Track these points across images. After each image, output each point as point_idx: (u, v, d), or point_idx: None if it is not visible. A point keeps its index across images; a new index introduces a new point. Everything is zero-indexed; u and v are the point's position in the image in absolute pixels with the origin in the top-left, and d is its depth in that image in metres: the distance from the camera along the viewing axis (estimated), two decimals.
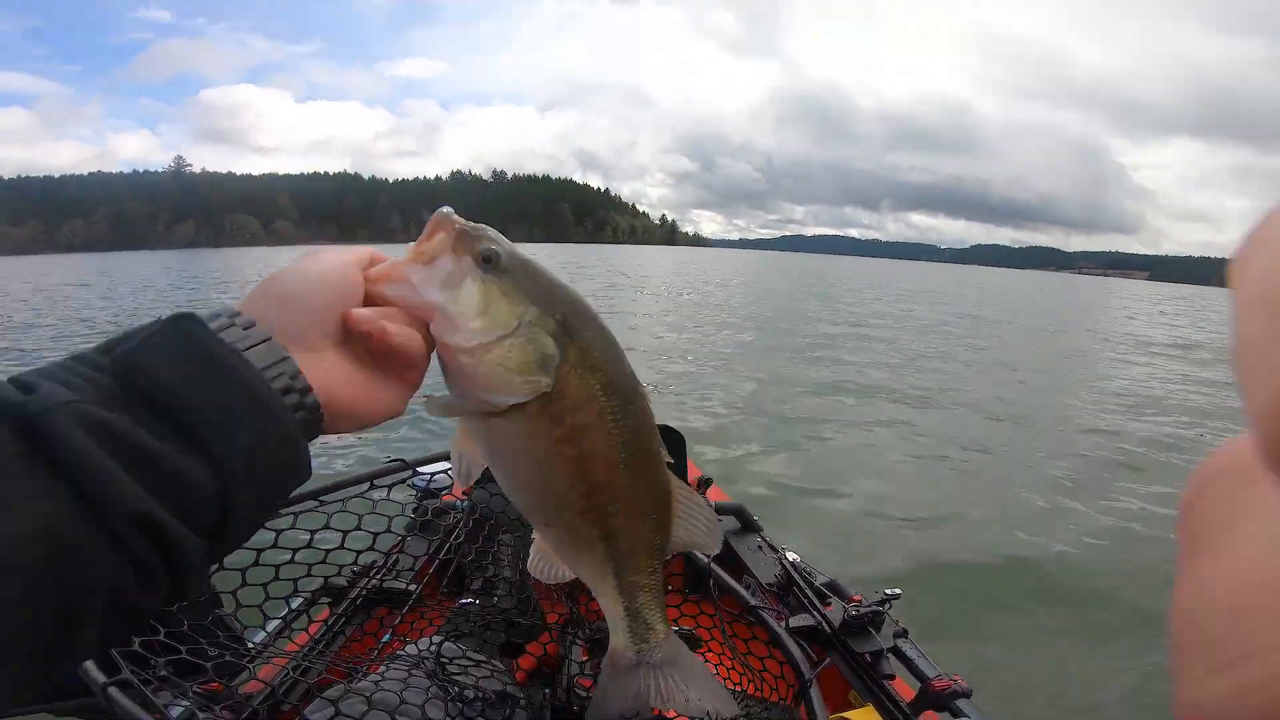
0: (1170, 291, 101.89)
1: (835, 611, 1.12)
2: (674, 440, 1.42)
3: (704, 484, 1.53)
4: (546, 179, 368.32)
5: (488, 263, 0.45)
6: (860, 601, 1.14)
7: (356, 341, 0.42)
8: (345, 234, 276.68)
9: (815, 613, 1.14)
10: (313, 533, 0.89)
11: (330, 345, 0.41)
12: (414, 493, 1.06)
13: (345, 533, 0.92)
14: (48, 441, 0.29)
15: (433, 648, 0.94)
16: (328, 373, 0.40)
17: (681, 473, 1.45)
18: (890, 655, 1.07)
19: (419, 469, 1.01)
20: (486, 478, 1.12)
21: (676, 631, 1.11)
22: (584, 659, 1.10)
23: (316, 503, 0.91)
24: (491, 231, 0.46)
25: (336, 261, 0.43)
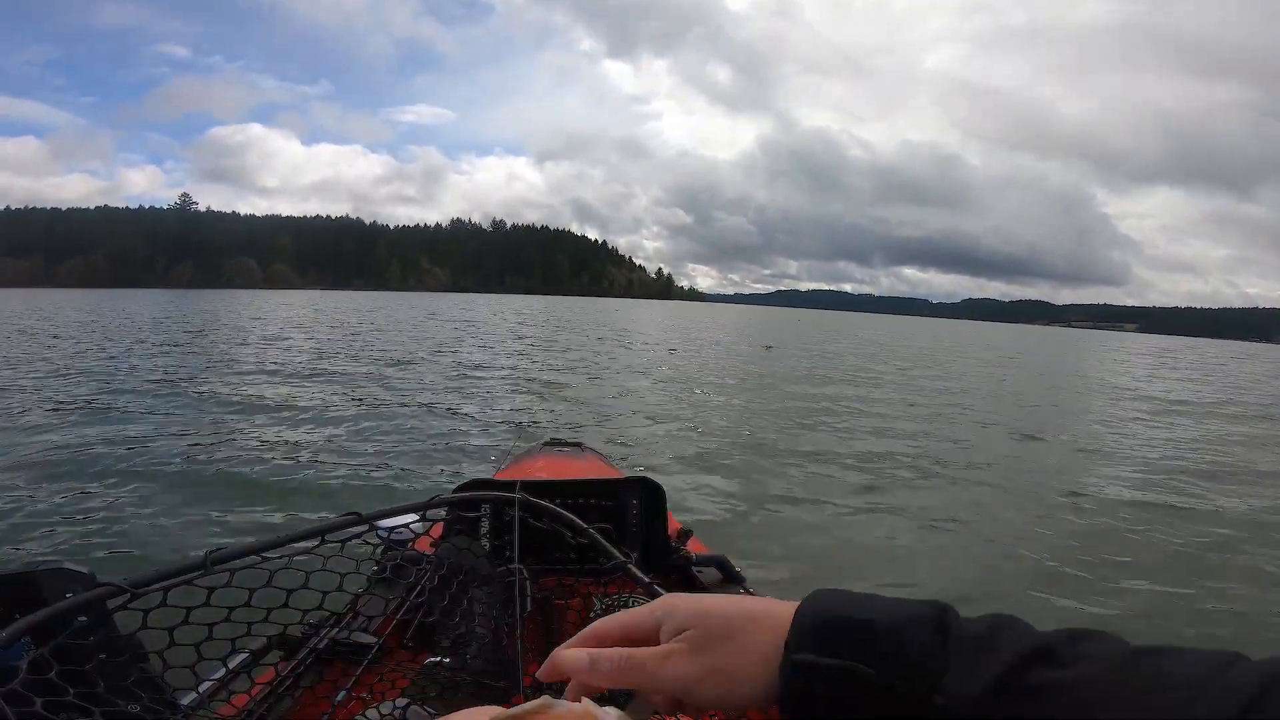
0: (1167, 344, 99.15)
1: None
2: (653, 493, 1.46)
3: (684, 536, 1.52)
4: (545, 229, 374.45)
5: None
6: None
7: None
8: (343, 279, 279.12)
9: None
10: (252, 590, 0.80)
11: None
12: (371, 549, 0.98)
13: (290, 591, 0.83)
14: None
15: (397, 711, 0.89)
16: None
17: (661, 523, 1.47)
18: None
19: (377, 522, 0.94)
20: (453, 531, 1.15)
21: None
22: None
23: (258, 558, 0.83)
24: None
25: None
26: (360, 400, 9.39)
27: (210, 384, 10.45)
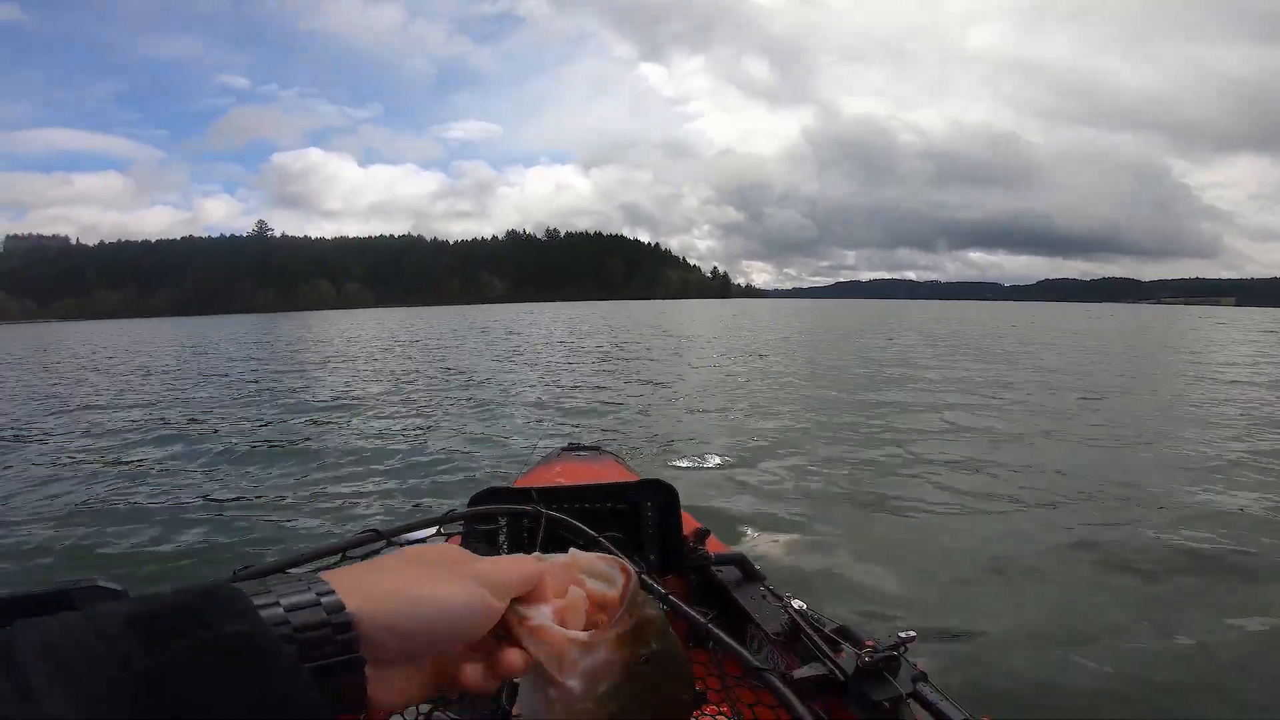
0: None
1: (847, 658, 1.07)
2: (667, 495, 1.48)
3: (702, 536, 1.53)
4: (598, 235, 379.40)
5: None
6: (874, 647, 1.09)
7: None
8: (411, 295, 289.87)
9: (826, 661, 1.09)
10: None
11: (414, 664, 0.36)
12: None
13: None
14: None
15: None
16: (400, 688, 0.36)
17: (676, 524, 1.50)
18: (911, 701, 1.02)
19: (393, 539, 0.94)
20: (472, 541, 1.19)
21: None
22: None
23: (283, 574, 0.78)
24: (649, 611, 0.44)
25: (476, 602, 0.36)
26: (417, 411, 9.52)
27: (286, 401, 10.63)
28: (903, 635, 1.07)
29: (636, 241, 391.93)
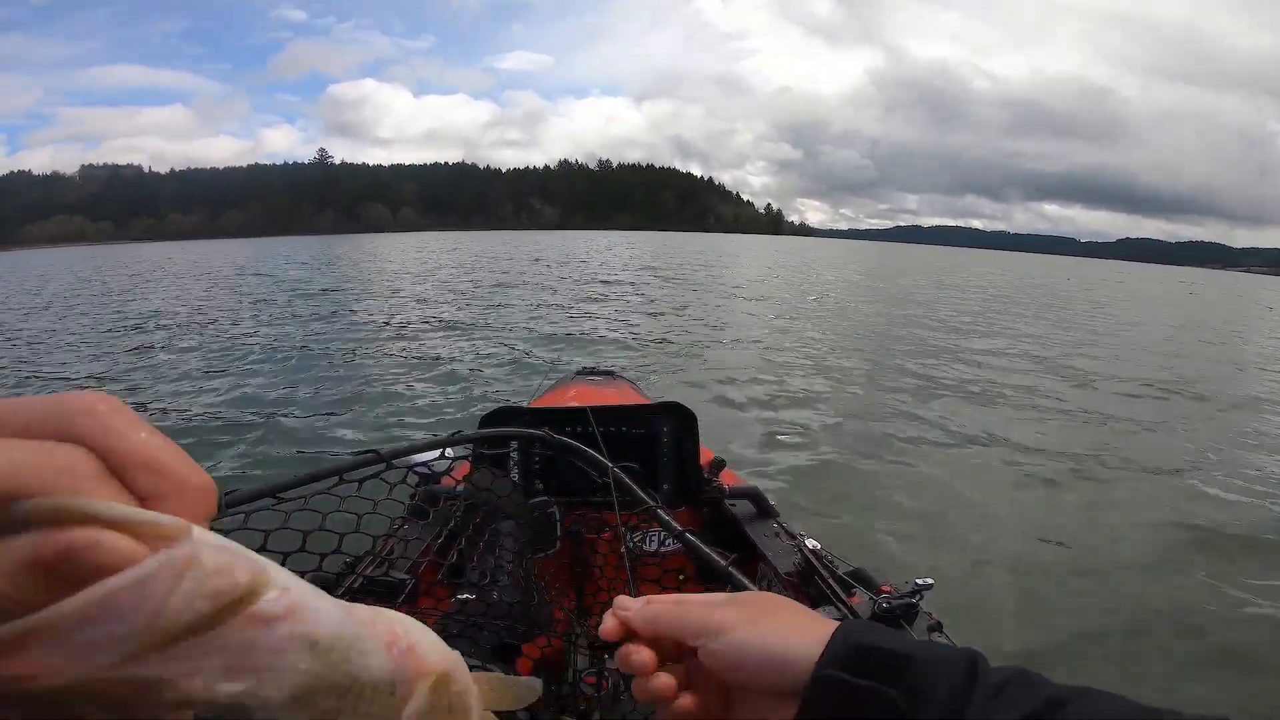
0: None
1: (862, 604, 1.05)
2: (685, 419, 1.40)
3: (717, 466, 1.47)
4: (650, 167, 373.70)
5: None
6: (890, 592, 1.05)
7: None
8: (463, 220, 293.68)
9: (840, 605, 1.06)
10: (267, 533, 0.74)
11: None
12: (388, 488, 0.88)
13: (306, 533, 0.78)
14: None
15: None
16: None
17: (693, 452, 1.41)
18: None
19: (393, 460, 0.86)
20: (482, 464, 1.11)
21: None
22: (590, 656, 1.05)
23: (274, 500, 0.77)
24: None
25: None
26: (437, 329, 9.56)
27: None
28: (920, 582, 1.02)
29: (688, 174, 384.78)
